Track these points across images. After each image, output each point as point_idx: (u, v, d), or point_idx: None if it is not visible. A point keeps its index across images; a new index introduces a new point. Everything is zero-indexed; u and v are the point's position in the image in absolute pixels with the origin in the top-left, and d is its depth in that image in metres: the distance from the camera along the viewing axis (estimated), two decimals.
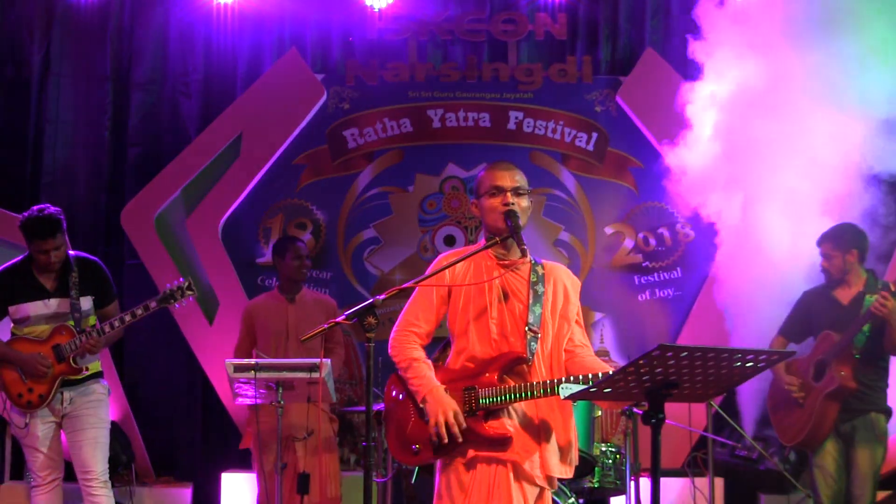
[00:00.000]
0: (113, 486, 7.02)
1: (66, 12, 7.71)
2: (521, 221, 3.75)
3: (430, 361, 3.80)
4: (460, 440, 3.62)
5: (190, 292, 5.30)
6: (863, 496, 5.56)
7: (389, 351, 3.85)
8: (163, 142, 7.77)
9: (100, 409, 5.43)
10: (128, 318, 5.26)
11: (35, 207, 5.35)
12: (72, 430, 5.37)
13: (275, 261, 6.58)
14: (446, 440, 3.61)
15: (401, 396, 3.84)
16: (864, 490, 5.56)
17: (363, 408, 5.67)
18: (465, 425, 3.62)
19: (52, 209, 5.32)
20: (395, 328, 3.87)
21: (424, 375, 3.73)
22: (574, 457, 3.79)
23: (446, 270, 3.79)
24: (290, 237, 6.90)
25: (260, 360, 5.51)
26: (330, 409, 6.27)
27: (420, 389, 3.70)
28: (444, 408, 3.63)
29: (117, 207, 7.61)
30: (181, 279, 5.36)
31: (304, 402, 5.75)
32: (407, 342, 3.82)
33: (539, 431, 3.69)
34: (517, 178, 3.79)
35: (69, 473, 5.54)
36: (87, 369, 5.35)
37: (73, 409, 5.36)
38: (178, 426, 7.61)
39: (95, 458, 5.34)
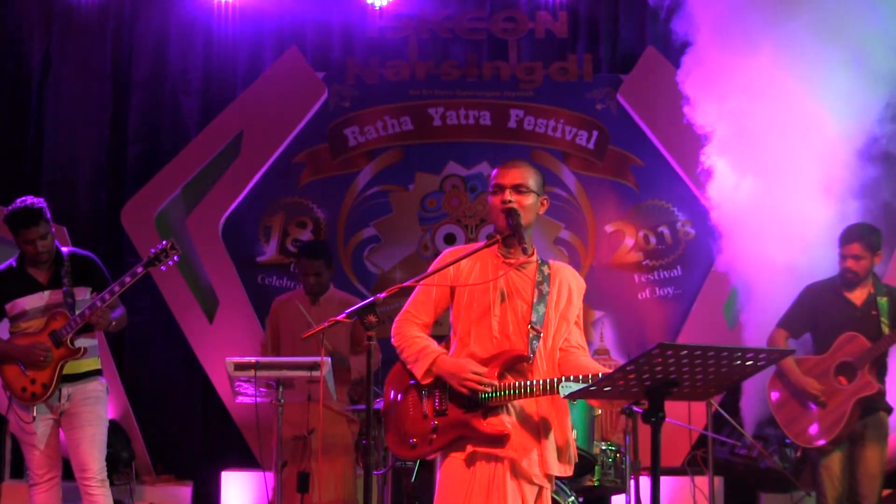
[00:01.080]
0: (113, 484, 7.05)
1: (66, 11, 7.71)
2: (523, 220, 3.73)
3: (433, 341, 3.81)
4: (495, 384, 3.64)
5: (174, 251, 5.26)
6: (870, 495, 5.53)
7: (392, 339, 3.87)
8: (163, 140, 7.77)
9: (98, 406, 5.41)
10: (117, 288, 5.23)
11: (17, 200, 5.36)
12: (69, 427, 5.36)
13: (296, 264, 6.56)
14: (489, 390, 3.63)
15: (399, 392, 3.85)
16: (873, 489, 5.54)
17: (363, 406, 5.68)
18: (485, 370, 3.65)
19: (34, 199, 5.32)
20: (395, 320, 3.90)
21: (425, 347, 3.75)
22: (573, 455, 3.79)
23: (451, 268, 3.79)
24: (305, 250, 6.52)
25: (261, 359, 5.50)
26: (351, 411, 6.26)
27: (424, 361, 3.71)
28: (457, 370, 3.65)
29: (117, 206, 7.61)
30: (165, 241, 5.31)
31: (304, 400, 5.75)
32: (406, 325, 3.86)
33: (538, 429, 3.70)
34: (520, 175, 3.77)
35: (68, 471, 5.53)
36: (85, 350, 5.33)
37: (72, 406, 5.35)
38: (179, 424, 7.60)
39: (93, 457, 5.32)
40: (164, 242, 5.28)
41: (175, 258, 5.27)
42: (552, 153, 7.71)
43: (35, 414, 5.31)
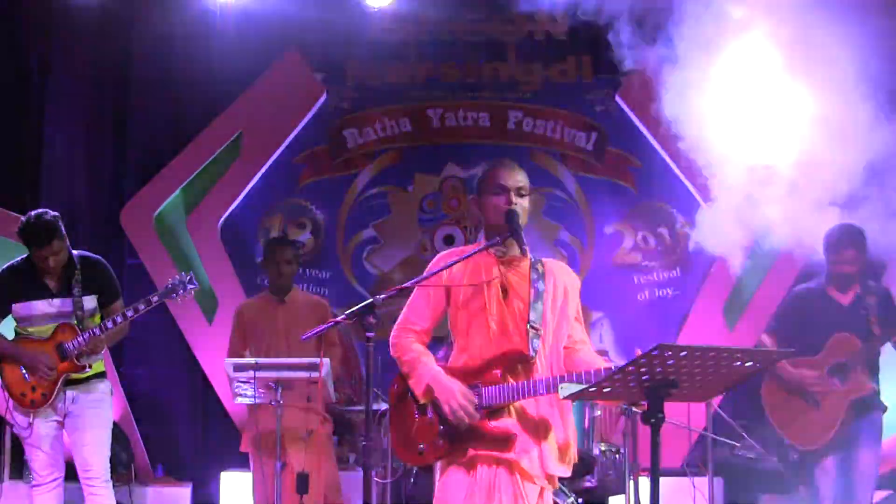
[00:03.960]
0: (112, 485, 7.05)
1: (66, 12, 7.70)
2: (522, 222, 3.76)
3: (430, 353, 3.80)
4: (476, 417, 3.63)
5: (191, 286, 5.27)
6: (866, 495, 5.54)
7: (391, 351, 3.86)
8: (163, 141, 7.77)
9: (102, 408, 5.40)
10: (130, 313, 5.24)
11: (32, 213, 5.27)
12: (73, 429, 5.35)
13: (261, 264, 6.51)
14: (466, 422, 3.61)
15: (404, 398, 3.84)
16: (867, 489, 5.55)
17: (363, 407, 5.69)
18: (476, 400, 3.63)
19: (48, 215, 5.24)
20: (393, 329, 3.89)
21: (424, 364, 3.73)
22: (572, 455, 3.79)
23: (445, 271, 3.79)
24: (275, 241, 6.64)
25: (260, 360, 5.50)
26: (324, 409, 6.24)
27: (422, 379, 3.71)
28: (451, 392, 3.64)
29: (117, 207, 7.62)
30: (183, 273, 5.33)
31: (303, 401, 5.75)
32: (405, 339, 3.83)
33: (539, 429, 3.69)
34: (520, 179, 3.79)
35: (70, 473, 5.52)
36: (90, 367, 5.33)
37: (76, 408, 5.34)
38: (178, 426, 7.61)
39: (97, 457, 5.31)
40: (182, 274, 5.29)
41: (191, 292, 5.28)
42: (551, 154, 7.72)
43: (31, 420, 5.30)
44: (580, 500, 5.37)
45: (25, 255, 5.42)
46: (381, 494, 5.91)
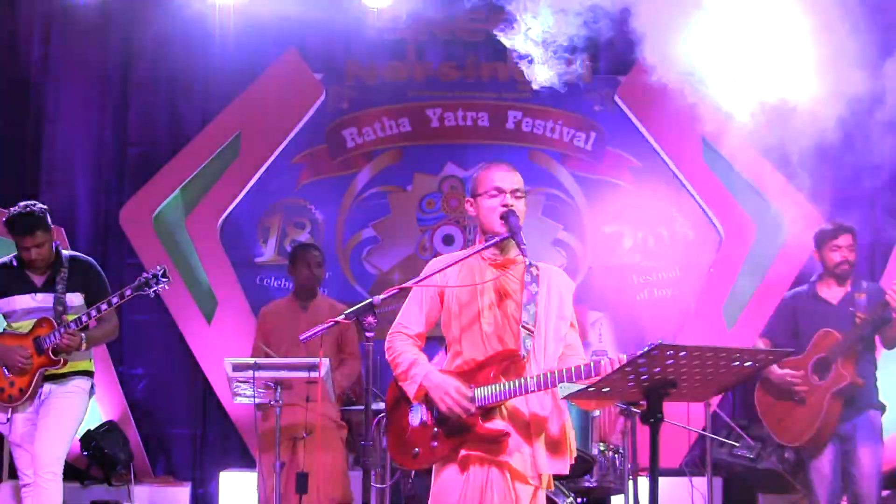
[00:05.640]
0: (111, 485, 7.05)
1: (66, 12, 7.70)
2: (519, 223, 3.76)
3: (423, 356, 3.81)
4: (473, 409, 3.64)
5: (165, 279, 5.25)
6: (869, 495, 5.53)
7: (386, 355, 3.87)
8: (162, 141, 7.77)
9: (73, 400, 5.34)
10: (104, 307, 5.23)
11: (21, 203, 5.33)
12: (40, 417, 5.30)
13: (288, 267, 6.55)
14: (465, 415, 3.62)
15: (399, 402, 3.85)
16: (871, 489, 5.53)
17: (363, 407, 5.69)
18: (471, 394, 3.64)
19: (36, 206, 5.28)
20: (388, 333, 3.89)
21: (416, 365, 3.74)
22: (571, 448, 3.78)
23: (438, 275, 3.79)
24: (304, 245, 6.72)
25: (259, 360, 5.50)
26: (339, 416, 6.25)
27: (414, 380, 3.71)
28: (444, 388, 3.65)
29: (116, 207, 7.62)
30: (157, 267, 5.31)
31: (302, 401, 5.75)
32: (398, 342, 3.85)
33: (531, 429, 3.70)
34: (516, 180, 3.80)
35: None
36: (64, 361, 5.30)
37: (48, 399, 5.31)
38: (177, 425, 7.61)
39: (48, 445, 5.20)
40: (156, 268, 5.27)
41: (165, 286, 5.25)
42: (550, 154, 7.71)
43: (9, 415, 5.30)
44: (579, 500, 5.37)
45: (14, 254, 5.45)
46: (380, 495, 5.91)
